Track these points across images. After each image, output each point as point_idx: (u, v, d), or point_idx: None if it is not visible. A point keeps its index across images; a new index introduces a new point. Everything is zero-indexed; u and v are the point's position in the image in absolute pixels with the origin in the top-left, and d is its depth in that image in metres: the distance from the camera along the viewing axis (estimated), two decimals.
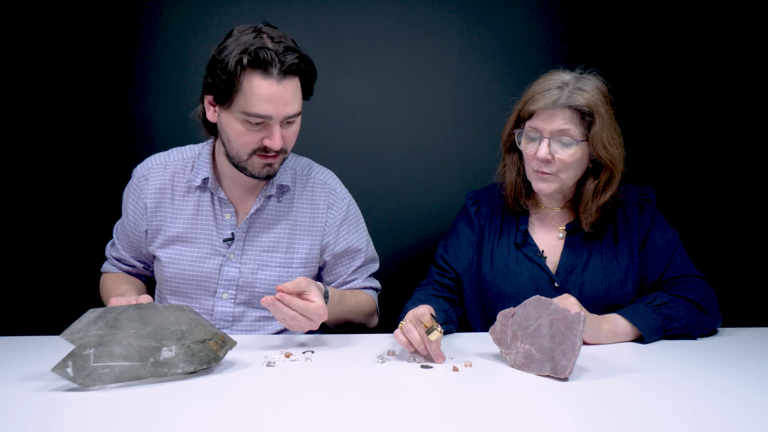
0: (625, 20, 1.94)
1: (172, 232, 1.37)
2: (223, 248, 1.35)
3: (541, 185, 1.30)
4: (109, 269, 1.51)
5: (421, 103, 1.95)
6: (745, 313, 1.90)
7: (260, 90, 1.18)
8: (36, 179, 1.88)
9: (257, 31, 1.22)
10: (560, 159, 1.26)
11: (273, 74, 1.18)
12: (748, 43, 1.91)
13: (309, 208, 1.40)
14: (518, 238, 1.37)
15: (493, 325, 1.06)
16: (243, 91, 1.19)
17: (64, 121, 1.88)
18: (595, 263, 1.32)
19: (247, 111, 1.20)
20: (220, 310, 1.36)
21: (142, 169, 1.41)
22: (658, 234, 1.34)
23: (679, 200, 1.92)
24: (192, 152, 1.41)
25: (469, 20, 1.94)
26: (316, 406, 0.80)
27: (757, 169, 1.93)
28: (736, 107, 1.93)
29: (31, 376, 0.95)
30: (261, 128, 1.22)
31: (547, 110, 1.26)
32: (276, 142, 1.22)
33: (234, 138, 1.25)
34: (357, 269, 1.44)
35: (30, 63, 1.87)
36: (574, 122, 1.25)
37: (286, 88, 1.20)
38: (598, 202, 1.30)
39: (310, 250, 1.39)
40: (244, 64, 1.17)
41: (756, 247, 1.93)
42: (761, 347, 1.16)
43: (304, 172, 1.43)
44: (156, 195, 1.38)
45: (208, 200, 1.37)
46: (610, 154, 1.27)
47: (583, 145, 1.27)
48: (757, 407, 0.79)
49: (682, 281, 1.29)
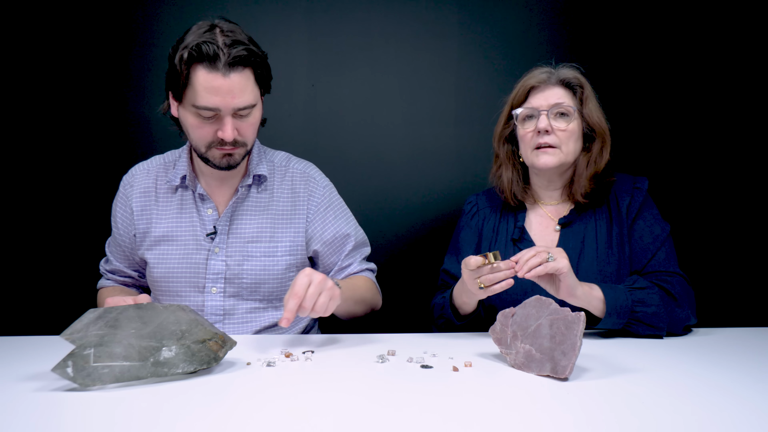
0: (625, 20, 1.94)
1: (158, 233, 1.40)
2: (207, 243, 1.38)
3: (544, 158, 1.35)
4: (104, 284, 1.53)
5: (421, 103, 1.95)
6: (745, 313, 1.90)
7: (206, 83, 1.21)
8: (36, 179, 1.88)
9: (212, 26, 1.24)
10: (560, 129, 1.34)
11: (218, 67, 1.21)
12: (745, 44, 1.91)
13: (289, 196, 1.42)
14: (515, 233, 1.41)
15: (493, 325, 1.06)
16: (192, 85, 1.23)
17: (64, 121, 1.88)
18: (590, 255, 1.33)
19: (195, 104, 1.23)
20: (211, 304, 1.37)
21: (126, 177, 1.47)
22: (645, 225, 1.35)
23: (676, 195, 1.92)
24: (173, 155, 1.47)
25: (469, 20, 1.94)
26: (316, 406, 0.80)
27: (755, 167, 1.93)
28: (732, 105, 1.93)
29: (31, 376, 0.95)
30: (214, 121, 1.26)
31: (541, 87, 1.36)
32: (227, 133, 1.25)
33: (191, 131, 1.29)
34: (349, 254, 1.46)
35: (30, 63, 1.87)
36: (568, 96, 1.36)
37: (233, 80, 1.22)
38: (590, 171, 1.37)
39: (294, 238, 1.41)
40: (185, 58, 1.21)
41: (759, 247, 1.93)
42: (761, 347, 1.16)
43: (282, 164, 1.46)
44: (141, 198, 1.42)
45: (190, 198, 1.40)
46: (602, 124, 1.38)
47: (578, 119, 1.36)
48: (757, 407, 0.79)
49: (663, 275, 1.29)
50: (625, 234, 1.34)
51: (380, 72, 1.95)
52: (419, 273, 1.93)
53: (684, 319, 1.25)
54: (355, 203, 1.88)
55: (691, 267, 1.58)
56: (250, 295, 1.38)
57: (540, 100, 1.36)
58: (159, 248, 1.40)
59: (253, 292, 1.38)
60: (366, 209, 1.92)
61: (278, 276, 1.39)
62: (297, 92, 1.95)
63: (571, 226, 1.38)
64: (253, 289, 1.38)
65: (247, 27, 1.90)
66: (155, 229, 1.40)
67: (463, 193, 1.78)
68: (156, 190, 1.43)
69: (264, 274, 1.38)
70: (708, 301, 1.75)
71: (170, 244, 1.39)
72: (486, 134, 1.89)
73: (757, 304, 1.91)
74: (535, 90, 1.37)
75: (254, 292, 1.38)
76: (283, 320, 1.08)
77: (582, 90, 1.37)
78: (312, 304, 1.10)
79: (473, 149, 1.94)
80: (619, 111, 1.91)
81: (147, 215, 1.42)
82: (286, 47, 1.93)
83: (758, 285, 1.92)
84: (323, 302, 1.11)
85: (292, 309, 1.08)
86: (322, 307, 1.11)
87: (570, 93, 1.37)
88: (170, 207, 1.41)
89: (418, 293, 1.91)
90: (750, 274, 1.92)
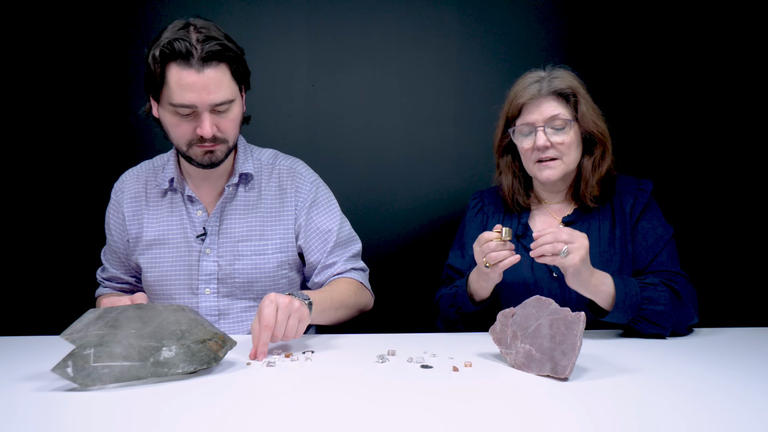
0: (625, 20, 1.94)
1: (150, 237, 1.40)
2: (198, 244, 1.38)
3: (547, 173, 1.35)
4: (102, 292, 1.53)
5: (421, 103, 1.95)
6: (746, 313, 1.90)
7: (181, 80, 1.21)
8: (36, 179, 1.88)
9: (186, 24, 1.24)
10: (558, 143, 1.33)
11: (192, 64, 1.21)
12: (748, 45, 1.91)
13: (277, 193, 1.42)
14: (519, 230, 1.41)
15: (493, 325, 1.06)
16: (167, 84, 1.23)
17: (64, 122, 1.88)
18: (593, 254, 1.34)
19: (172, 102, 1.23)
20: (205, 305, 1.38)
21: (117, 183, 1.47)
22: (648, 225, 1.35)
23: (678, 197, 1.92)
24: (162, 159, 1.47)
25: (469, 20, 1.94)
26: (316, 406, 0.80)
27: (756, 169, 1.93)
28: (734, 107, 1.93)
29: (31, 376, 0.95)
30: (192, 118, 1.26)
31: (533, 102, 1.34)
32: (205, 130, 1.25)
33: (171, 130, 1.29)
34: (332, 251, 1.42)
35: (30, 64, 1.87)
36: (561, 106, 1.34)
37: (208, 76, 1.22)
38: (597, 176, 1.37)
39: (284, 235, 1.40)
40: (158, 57, 1.21)
41: (759, 248, 1.93)
42: (761, 347, 1.16)
43: (269, 161, 1.45)
44: (132, 203, 1.43)
45: (179, 201, 1.41)
46: (600, 128, 1.36)
47: (575, 126, 1.35)
48: (757, 407, 0.79)
49: (665, 275, 1.30)
50: (628, 233, 1.34)
51: (380, 72, 1.95)
52: (419, 273, 1.93)
53: (689, 317, 1.25)
54: (355, 203, 1.88)
55: (692, 268, 1.57)
56: (244, 294, 1.38)
57: (535, 115, 1.34)
58: (151, 252, 1.40)
59: (246, 291, 1.38)
60: (366, 209, 1.92)
61: (270, 274, 1.39)
62: (297, 92, 1.94)
63: (574, 224, 1.38)
64: (246, 288, 1.38)
65: (247, 27, 1.91)
66: (147, 233, 1.40)
67: (463, 192, 1.78)
68: (146, 194, 1.43)
69: (256, 273, 1.38)
70: (709, 302, 1.75)
71: (162, 247, 1.39)
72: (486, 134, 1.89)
73: (758, 304, 1.91)
74: (528, 104, 1.35)
75: (247, 291, 1.39)
76: (259, 355, 1.05)
77: (575, 98, 1.35)
78: (282, 331, 1.07)
79: (473, 149, 1.94)
80: (621, 112, 1.91)
81: (138, 220, 1.42)
82: (286, 47, 1.93)
83: (759, 285, 1.92)
84: (293, 325, 1.09)
85: (266, 341, 1.05)
86: (292, 330, 1.09)
87: (564, 101, 1.35)
88: (160, 210, 1.41)
89: (418, 293, 1.91)
90: (751, 274, 1.92)
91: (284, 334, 1.08)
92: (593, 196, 1.37)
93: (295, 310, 1.09)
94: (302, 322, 1.11)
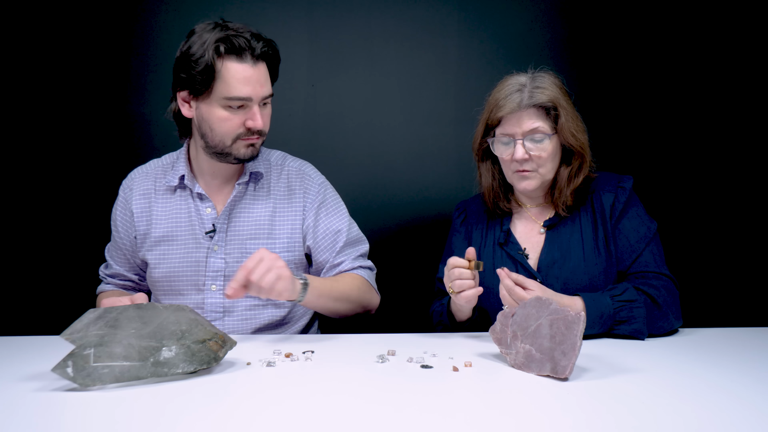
0: (624, 20, 1.94)
1: (158, 233, 1.41)
2: (206, 241, 1.38)
3: (524, 183, 1.36)
4: (104, 288, 1.53)
5: (421, 103, 1.95)
6: (746, 313, 1.90)
7: (238, 74, 1.28)
8: (36, 179, 1.88)
9: (220, 25, 1.30)
10: (537, 156, 1.32)
11: (247, 59, 1.28)
12: (733, 45, 1.92)
13: (286, 193, 1.44)
14: (501, 237, 1.42)
15: (493, 325, 1.06)
16: (222, 78, 1.27)
17: (64, 121, 1.88)
18: (577, 256, 1.33)
19: (228, 96, 1.28)
20: (211, 302, 1.38)
21: (125, 181, 1.49)
22: (630, 224, 1.35)
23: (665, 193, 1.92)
24: (170, 158, 1.49)
25: (469, 20, 1.94)
26: (316, 406, 0.80)
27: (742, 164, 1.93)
28: (719, 103, 1.93)
29: (31, 376, 0.95)
30: (242, 112, 1.30)
31: (513, 114, 1.32)
32: (258, 121, 1.30)
33: (217, 125, 1.31)
34: (341, 250, 1.44)
35: (30, 63, 1.87)
36: (541, 119, 1.32)
37: (260, 70, 1.30)
38: (571, 187, 1.36)
39: (291, 234, 1.42)
40: (221, 52, 1.26)
41: (749, 245, 1.93)
42: (761, 347, 1.16)
43: (278, 162, 1.48)
44: (141, 200, 1.44)
45: (188, 198, 1.42)
46: (579, 141, 1.34)
47: (554, 138, 1.34)
48: (757, 407, 0.79)
49: (649, 277, 1.29)
50: (610, 232, 1.34)
51: (380, 72, 1.95)
52: (419, 273, 1.93)
53: (666, 327, 1.26)
54: (355, 203, 1.88)
55: (680, 266, 1.57)
56: None
57: (514, 127, 1.32)
58: (159, 248, 1.41)
59: None
60: (366, 209, 1.92)
61: None
62: (297, 92, 1.94)
63: (556, 228, 1.38)
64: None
65: None
66: (155, 230, 1.41)
67: (463, 192, 1.77)
68: (155, 191, 1.44)
69: None
70: (696, 300, 1.74)
71: (170, 243, 1.40)
72: None
73: (749, 303, 1.91)
74: (508, 116, 1.33)
75: None
76: (228, 288, 1.14)
77: (556, 111, 1.31)
78: (258, 277, 1.14)
79: None
80: (619, 110, 1.91)
81: (147, 217, 1.43)
82: (286, 47, 1.92)
83: (748, 283, 1.91)
84: (269, 279, 1.15)
85: (239, 279, 1.14)
86: (268, 283, 1.15)
87: (544, 113, 1.32)
88: (169, 207, 1.42)
89: (418, 293, 1.91)
90: (740, 272, 1.92)
91: (259, 285, 1.15)
92: (566, 205, 1.37)
93: (277, 267, 1.16)
94: (281, 280, 1.16)
